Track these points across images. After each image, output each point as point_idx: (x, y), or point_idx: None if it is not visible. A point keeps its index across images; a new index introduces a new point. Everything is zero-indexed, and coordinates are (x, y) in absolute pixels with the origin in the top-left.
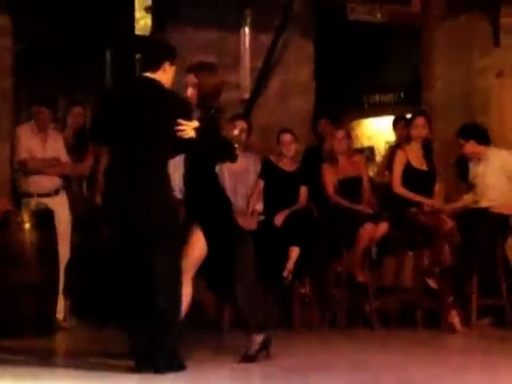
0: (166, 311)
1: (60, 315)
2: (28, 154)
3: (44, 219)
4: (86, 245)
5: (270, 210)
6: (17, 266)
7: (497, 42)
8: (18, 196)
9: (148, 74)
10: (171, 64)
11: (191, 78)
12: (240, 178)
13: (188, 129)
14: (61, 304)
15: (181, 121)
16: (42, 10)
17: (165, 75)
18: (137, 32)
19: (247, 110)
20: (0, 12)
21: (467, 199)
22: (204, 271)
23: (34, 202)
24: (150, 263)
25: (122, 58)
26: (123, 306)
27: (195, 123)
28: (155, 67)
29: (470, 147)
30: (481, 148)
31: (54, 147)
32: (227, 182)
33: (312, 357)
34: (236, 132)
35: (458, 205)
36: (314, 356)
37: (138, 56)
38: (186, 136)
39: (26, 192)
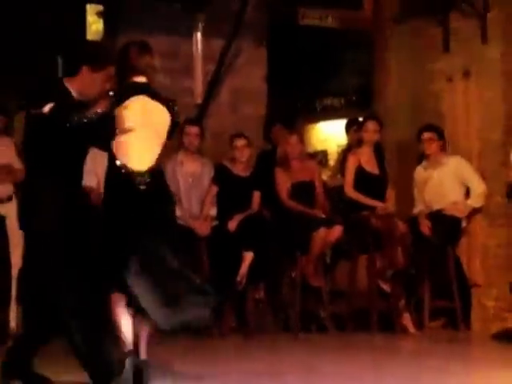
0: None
1: (13, 323)
2: None
3: None
4: None
5: (223, 215)
6: None
7: (447, 47)
8: None
9: (66, 80)
10: (93, 69)
11: None
12: (194, 183)
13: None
14: (13, 312)
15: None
16: None
17: (84, 81)
18: (88, 37)
19: (200, 115)
20: None
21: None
22: None
23: None
24: None
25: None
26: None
27: None
28: (72, 72)
29: (436, 146)
30: (441, 148)
31: (6, 154)
32: (181, 186)
33: (265, 361)
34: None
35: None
36: (268, 360)
37: None
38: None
39: None
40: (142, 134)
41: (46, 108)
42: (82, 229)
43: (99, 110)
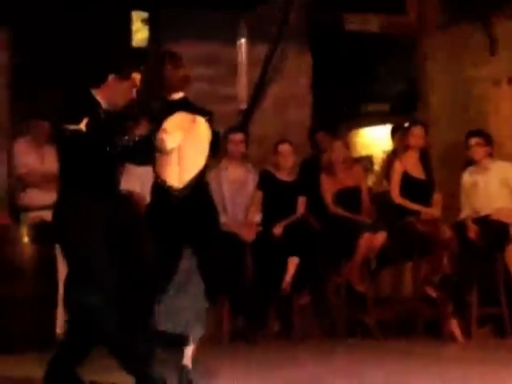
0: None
1: (60, 329)
2: (26, 168)
3: (42, 233)
4: None
5: (268, 221)
6: (15, 280)
7: (492, 52)
8: (17, 210)
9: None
10: (119, 78)
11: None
12: (238, 189)
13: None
14: (60, 318)
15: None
16: (40, 23)
17: (111, 90)
18: (134, 45)
19: (244, 122)
20: None
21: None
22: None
23: (32, 216)
24: None
25: None
26: None
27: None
28: (99, 82)
29: (483, 152)
30: (488, 153)
31: (52, 161)
32: (226, 193)
33: (311, 368)
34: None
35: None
36: (312, 367)
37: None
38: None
39: (24, 206)
40: (183, 152)
41: (83, 125)
42: (123, 241)
43: (139, 134)
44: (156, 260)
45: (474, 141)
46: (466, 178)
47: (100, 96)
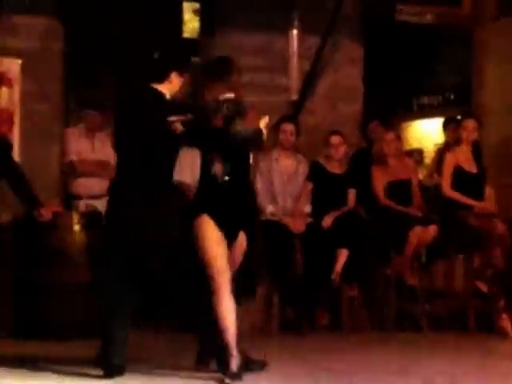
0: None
1: None
2: (77, 156)
3: (93, 221)
4: None
5: (318, 213)
6: (67, 267)
7: None
8: (68, 198)
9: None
10: (180, 74)
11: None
12: (289, 180)
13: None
14: None
15: (169, 118)
16: (91, 12)
17: (173, 85)
18: (185, 35)
19: (295, 113)
20: (50, 15)
21: None
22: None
23: (83, 204)
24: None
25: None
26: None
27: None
28: (161, 78)
29: None
30: None
31: (103, 150)
32: (276, 183)
33: (360, 360)
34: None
35: None
36: (363, 359)
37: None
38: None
39: (75, 194)
40: None
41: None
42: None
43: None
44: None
45: None
46: None
47: (163, 90)
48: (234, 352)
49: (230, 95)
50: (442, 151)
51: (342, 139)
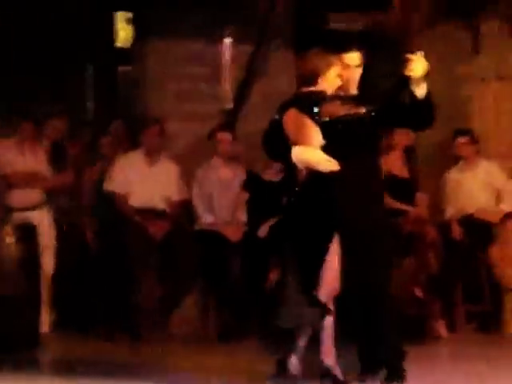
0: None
1: (45, 328)
2: (9, 168)
3: (26, 233)
4: (71, 257)
5: (255, 221)
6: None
7: (477, 50)
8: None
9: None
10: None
11: None
12: (226, 189)
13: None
14: (45, 316)
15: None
16: (21, 19)
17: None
18: (117, 44)
19: (231, 121)
20: None
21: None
22: None
23: (16, 216)
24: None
25: (103, 70)
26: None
27: None
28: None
29: (470, 150)
30: (475, 153)
31: (36, 160)
32: (213, 192)
33: None
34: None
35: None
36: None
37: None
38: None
39: (8, 206)
40: None
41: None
42: None
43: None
44: None
45: (460, 139)
46: (451, 176)
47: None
48: None
49: None
50: None
51: None
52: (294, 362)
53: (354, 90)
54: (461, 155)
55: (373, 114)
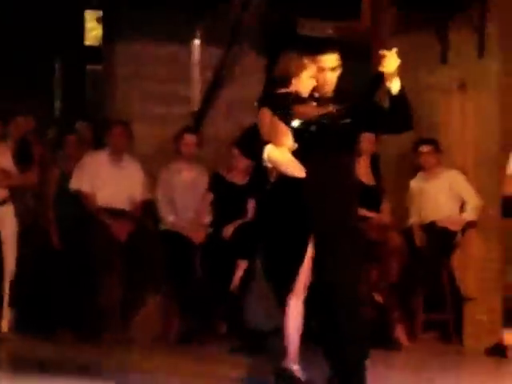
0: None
1: (4, 327)
2: None
3: None
4: (33, 256)
5: (218, 223)
6: None
7: (443, 60)
8: None
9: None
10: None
11: None
12: (190, 191)
13: None
14: (6, 316)
15: None
16: None
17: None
18: (87, 42)
19: (197, 124)
20: None
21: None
22: None
23: None
24: None
25: (72, 68)
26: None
27: None
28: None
29: (433, 159)
30: (438, 161)
31: (1, 158)
32: (177, 194)
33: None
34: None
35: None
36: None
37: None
38: None
39: None
40: None
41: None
42: None
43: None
44: None
45: (423, 148)
46: (415, 184)
47: None
48: None
49: None
50: None
51: None
52: (295, 368)
53: (329, 93)
54: (424, 165)
55: (351, 118)
